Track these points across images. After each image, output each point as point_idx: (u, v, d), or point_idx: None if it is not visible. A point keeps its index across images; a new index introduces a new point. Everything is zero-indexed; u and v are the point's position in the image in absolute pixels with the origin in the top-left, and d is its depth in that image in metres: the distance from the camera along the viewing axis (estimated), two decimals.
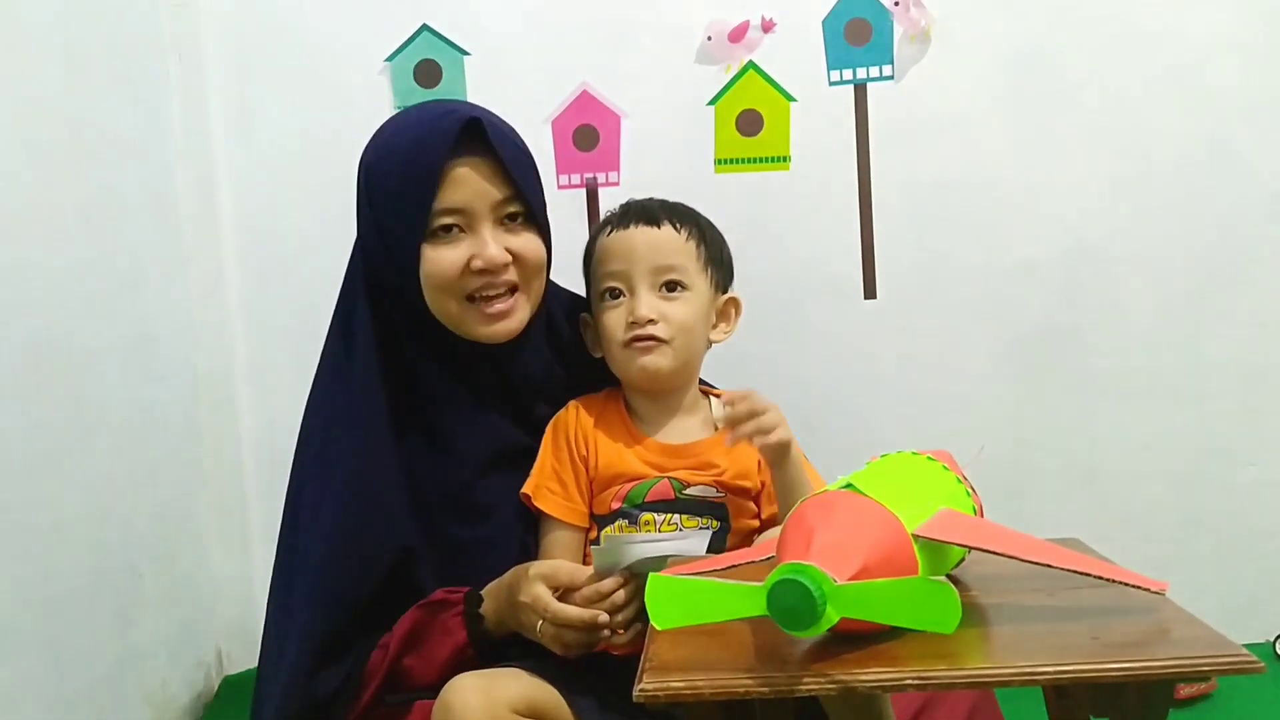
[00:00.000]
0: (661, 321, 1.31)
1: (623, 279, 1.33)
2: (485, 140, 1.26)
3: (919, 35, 2.05)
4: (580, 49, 2.09)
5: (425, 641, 1.22)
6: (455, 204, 1.26)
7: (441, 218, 1.26)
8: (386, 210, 1.28)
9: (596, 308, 1.37)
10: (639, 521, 1.29)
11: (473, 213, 1.27)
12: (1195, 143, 2.05)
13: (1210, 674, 0.80)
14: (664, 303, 1.32)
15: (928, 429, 1.35)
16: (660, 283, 1.33)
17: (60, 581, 1.60)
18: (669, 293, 1.33)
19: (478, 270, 1.27)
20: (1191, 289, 2.07)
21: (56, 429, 1.61)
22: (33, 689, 1.52)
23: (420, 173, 1.25)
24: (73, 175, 1.71)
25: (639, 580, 1.14)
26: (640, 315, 1.30)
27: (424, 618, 1.23)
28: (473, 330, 1.29)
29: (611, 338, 1.33)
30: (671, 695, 0.80)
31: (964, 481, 1.02)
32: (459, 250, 1.27)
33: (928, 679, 0.79)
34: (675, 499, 1.30)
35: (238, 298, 2.16)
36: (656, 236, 1.34)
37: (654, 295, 1.32)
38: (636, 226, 1.34)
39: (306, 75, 2.13)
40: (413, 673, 1.23)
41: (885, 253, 2.09)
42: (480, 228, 1.27)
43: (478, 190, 1.26)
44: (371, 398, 1.29)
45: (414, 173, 1.25)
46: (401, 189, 1.26)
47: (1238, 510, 2.08)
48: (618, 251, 1.34)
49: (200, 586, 2.06)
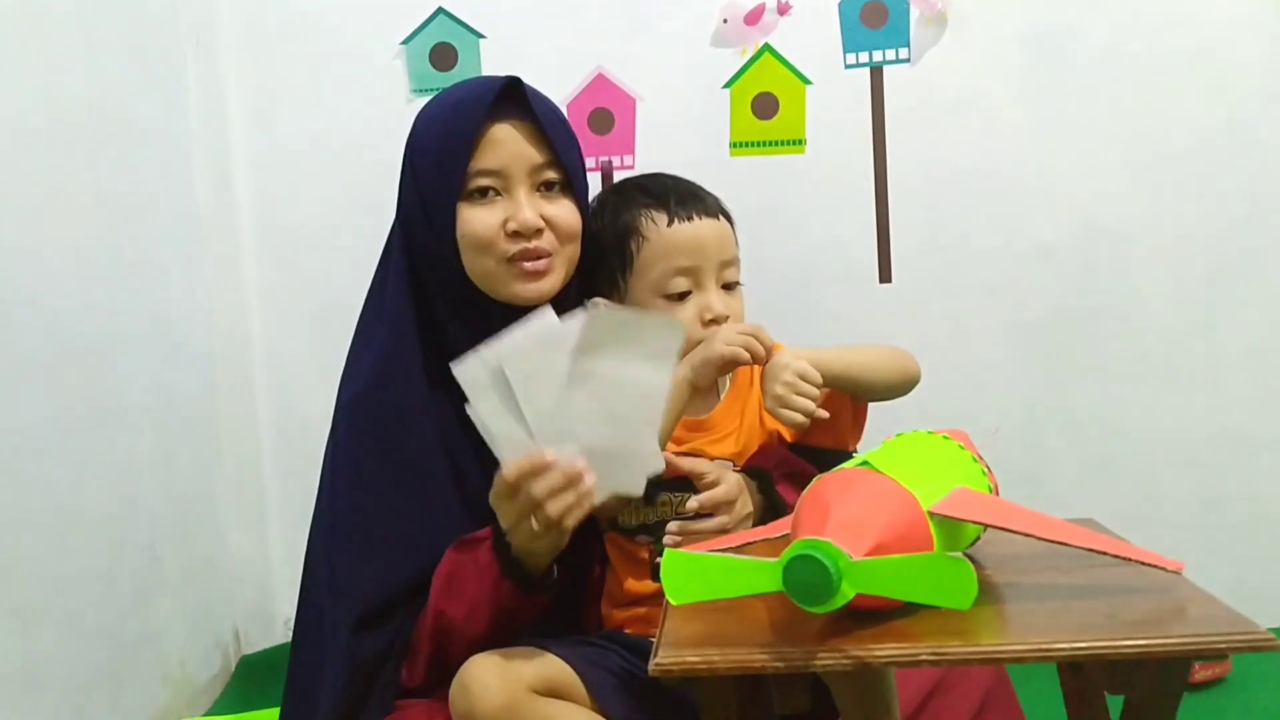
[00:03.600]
0: (731, 318, 1.30)
1: (693, 275, 1.29)
2: (525, 104, 1.27)
3: (935, 18, 2.04)
4: (595, 32, 2.09)
5: (462, 583, 1.19)
6: (492, 165, 1.26)
7: (478, 179, 1.26)
8: (426, 172, 1.28)
9: (654, 302, 1.31)
10: (656, 502, 1.29)
11: (509, 175, 1.26)
12: (1213, 126, 2.04)
13: (1227, 651, 0.80)
14: (730, 298, 1.31)
15: (942, 413, 1.34)
16: (723, 278, 1.31)
17: (80, 561, 1.61)
18: (728, 290, 1.31)
19: (512, 233, 1.26)
20: (1208, 273, 2.06)
21: (76, 413, 1.62)
22: (52, 667, 1.54)
23: (458, 133, 1.25)
24: (91, 161, 1.72)
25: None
26: (720, 313, 1.28)
27: (458, 558, 1.21)
28: (508, 289, 1.28)
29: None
30: (686, 670, 0.80)
31: (980, 461, 1.02)
32: (495, 212, 1.26)
33: (943, 655, 0.79)
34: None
35: (255, 282, 2.17)
36: (721, 230, 1.31)
37: (719, 291, 1.30)
38: (701, 219, 1.30)
39: (322, 60, 2.14)
40: (457, 624, 1.20)
41: (900, 236, 2.09)
42: (516, 191, 1.27)
43: (515, 153, 1.26)
44: (406, 360, 1.28)
45: (452, 133, 1.26)
46: (441, 150, 1.27)
47: (1254, 495, 2.07)
48: (688, 246, 1.29)
49: (218, 568, 2.08)
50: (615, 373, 1.07)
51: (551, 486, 1.08)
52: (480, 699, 1.08)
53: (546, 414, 1.08)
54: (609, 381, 1.07)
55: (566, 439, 1.08)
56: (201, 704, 1.95)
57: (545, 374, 1.07)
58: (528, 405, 1.07)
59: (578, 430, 1.08)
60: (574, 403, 1.07)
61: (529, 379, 1.07)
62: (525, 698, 1.10)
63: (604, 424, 1.08)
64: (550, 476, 1.08)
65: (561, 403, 1.07)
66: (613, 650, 1.22)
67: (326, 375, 1.37)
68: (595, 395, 1.07)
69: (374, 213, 1.41)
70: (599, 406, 1.08)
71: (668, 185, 1.34)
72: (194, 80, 2.09)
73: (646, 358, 1.07)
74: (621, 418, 1.08)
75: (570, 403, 1.07)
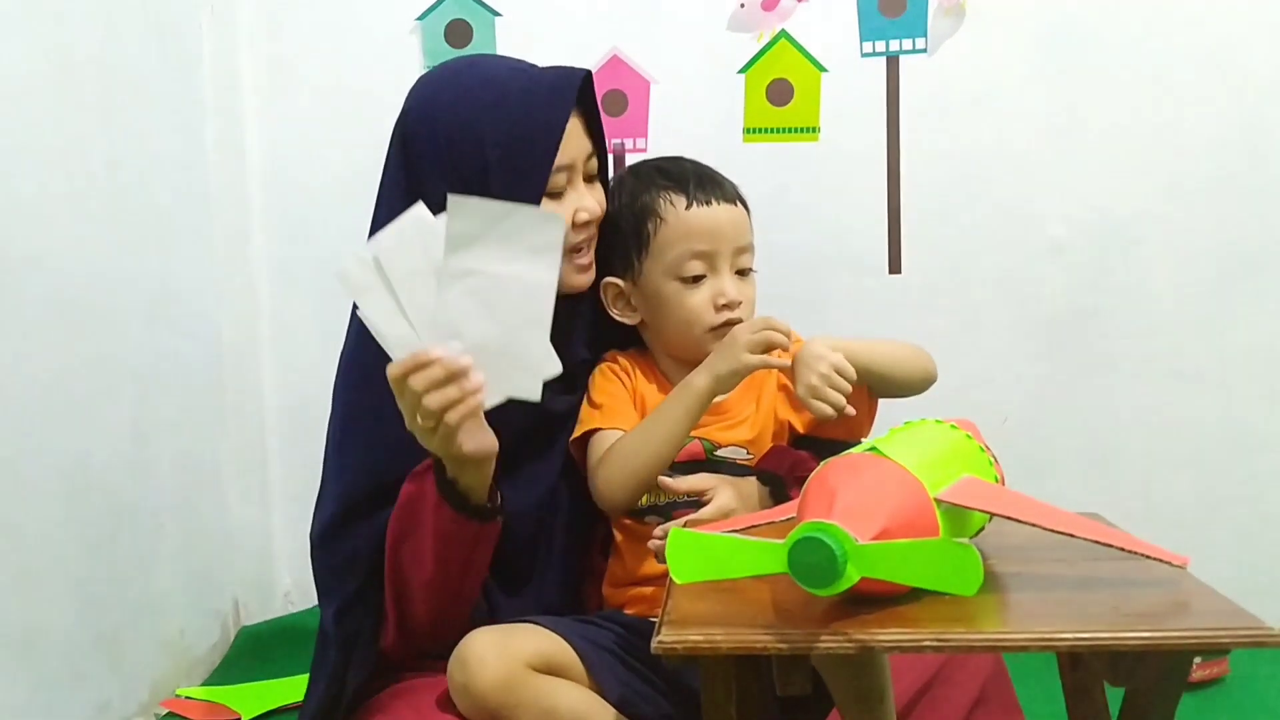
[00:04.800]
0: (744, 304, 1.30)
1: (708, 260, 1.29)
2: (586, 96, 1.26)
3: (953, 9, 2.03)
4: (611, 13, 2.08)
5: (410, 515, 1.18)
6: (564, 160, 1.24)
7: (556, 175, 1.24)
8: (495, 164, 1.22)
9: (667, 285, 1.30)
10: None
11: (574, 168, 1.26)
12: (1228, 125, 2.03)
13: (1231, 646, 0.80)
14: (743, 284, 1.31)
15: (949, 404, 1.34)
16: (738, 264, 1.31)
17: (82, 528, 1.62)
18: (742, 276, 1.31)
19: (582, 223, 1.27)
20: (1218, 273, 2.05)
21: (81, 379, 1.63)
22: (52, 633, 1.54)
23: (543, 131, 1.22)
24: (102, 126, 1.72)
25: None
26: (733, 298, 1.28)
27: (408, 489, 1.19)
28: (566, 281, 1.25)
29: (697, 320, 1.28)
30: (689, 649, 0.80)
31: (987, 451, 1.02)
32: (566, 205, 1.26)
33: (946, 641, 0.79)
34: (706, 460, 1.29)
35: (263, 251, 2.17)
36: (737, 216, 1.31)
37: (734, 277, 1.30)
38: (719, 204, 1.30)
39: (337, 32, 2.13)
40: (406, 561, 1.19)
41: (911, 228, 2.08)
42: (577, 181, 1.27)
43: (579, 145, 1.26)
44: None
45: (535, 132, 1.22)
46: (521, 146, 1.22)
47: (1258, 496, 2.07)
48: (704, 231, 1.29)
49: (219, 538, 2.08)
50: (494, 269, 1.04)
51: (431, 379, 1.05)
52: (478, 674, 1.08)
53: (429, 311, 1.06)
54: (488, 278, 1.05)
55: (452, 337, 1.06)
56: (200, 673, 1.95)
57: (424, 270, 1.05)
58: (410, 303, 1.06)
59: (462, 328, 1.06)
60: (456, 300, 1.05)
61: (408, 276, 1.05)
62: (523, 674, 1.10)
63: (488, 321, 1.06)
64: (430, 370, 1.05)
65: (443, 300, 1.05)
66: (612, 630, 1.22)
67: (332, 347, 1.36)
68: (476, 292, 1.05)
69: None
70: (481, 304, 1.05)
71: (687, 169, 1.34)
72: (208, 50, 2.08)
73: (526, 253, 1.04)
74: (506, 315, 1.06)
75: (452, 300, 1.05)
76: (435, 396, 1.06)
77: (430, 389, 1.06)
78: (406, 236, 1.05)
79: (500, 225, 1.04)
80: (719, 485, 1.24)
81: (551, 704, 1.10)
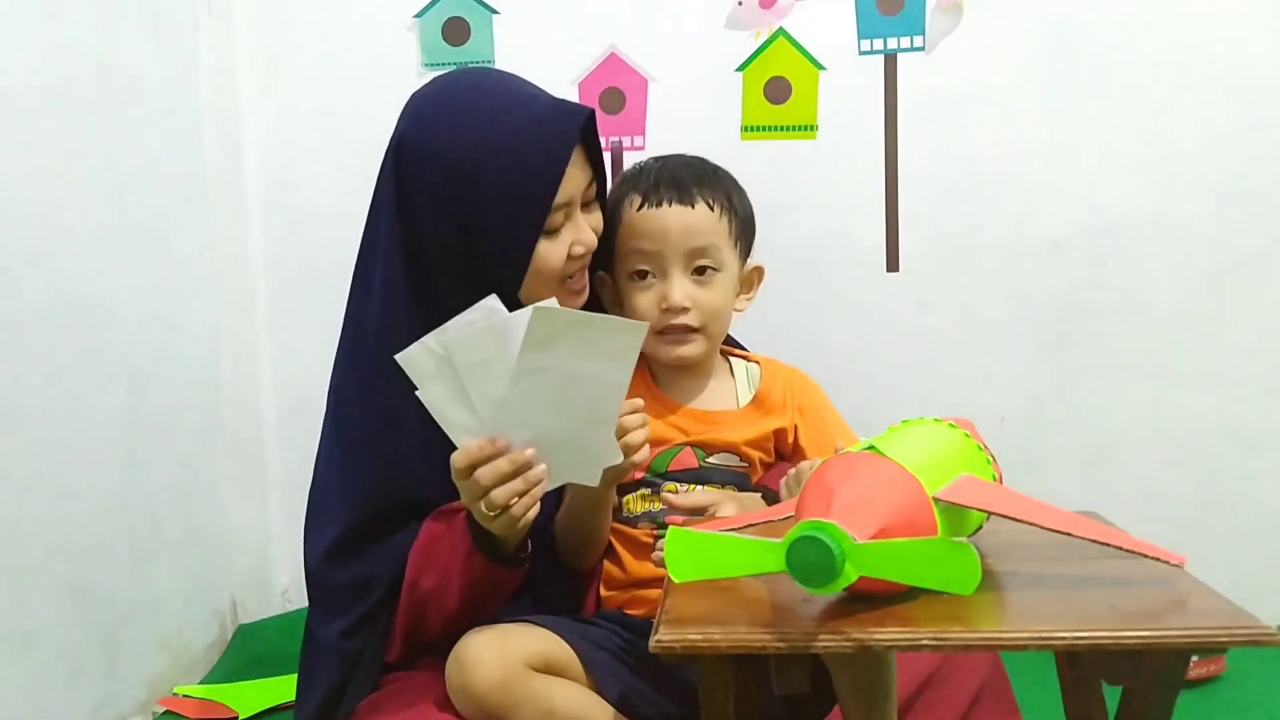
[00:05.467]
0: (694, 309, 1.28)
1: (654, 260, 1.29)
2: (588, 127, 1.26)
3: (951, 7, 2.03)
4: (609, 11, 2.08)
5: (437, 554, 1.20)
6: (562, 200, 1.24)
7: (554, 213, 1.24)
8: (494, 203, 1.22)
9: (624, 283, 1.33)
10: (662, 490, 1.28)
11: (572, 203, 1.26)
12: (1224, 123, 2.02)
13: (1228, 645, 0.80)
14: (696, 288, 1.29)
15: (947, 402, 1.34)
16: (693, 266, 1.29)
17: (79, 526, 1.61)
18: (700, 276, 1.29)
19: (578, 255, 1.27)
20: (1215, 270, 2.05)
21: (79, 375, 1.62)
22: (49, 631, 1.54)
23: (540, 175, 1.21)
24: (99, 124, 1.72)
25: None
26: (675, 303, 1.27)
27: (435, 529, 1.21)
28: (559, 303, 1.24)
29: (645, 321, 1.26)
30: (688, 648, 0.80)
31: (984, 449, 1.02)
32: (563, 240, 1.26)
33: (944, 640, 0.79)
34: (699, 468, 1.29)
35: (260, 249, 2.16)
36: (690, 218, 1.28)
37: (686, 279, 1.28)
38: (670, 205, 1.29)
39: (334, 30, 2.12)
40: (431, 597, 1.20)
41: (909, 225, 2.09)
42: (575, 214, 1.27)
43: (578, 180, 1.26)
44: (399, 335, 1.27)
45: (532, 175, 1.21)
46: (518, 191, 1.21)
47: (1254, 494, 2.07)
48: (649, 231, 1.29)
49: (217, 536, 2.08)
50: (568, 369, 1.06)
51: (499, 473, 1.08)
52: (476, 674, 1.08)
53: (495, 402, 1.08)
54: (562, 376, 1.06)
55: (516, 427, 1.08)
56: (197, 672, 1.95)
57: (493, 363, 1.07)
58: (476, 393, 1.08)
59: (531, 420, 1.08)
60: (524, 393, 1.07)
61: (477, 367, 1.07)
62: (521, 674, 1.10)
63: (556, 414, 1.08)
64: (497, 464, 1.08)
65: (512, 392, 1.07)
66: (611, 629, 1.22)
67: (330, 346, 1.36)
68: (546, 387, 1.07)
69: None
70: (550, 397, 1.07)
71: (661, 169, 1.34)
72: (205, 47, 2.08)
73: (603, 357, 1.06)
74: (575, 412, 1.08)
75: (520, 393, 1.07)
76: (501, 491, 1.09)
77: (497, 483, 1.08)
78: (478, 328, 1.07)
79: (581, 330, 1.06)
80: (723, 501, 1.24)
81: (550, 704, 1.10)
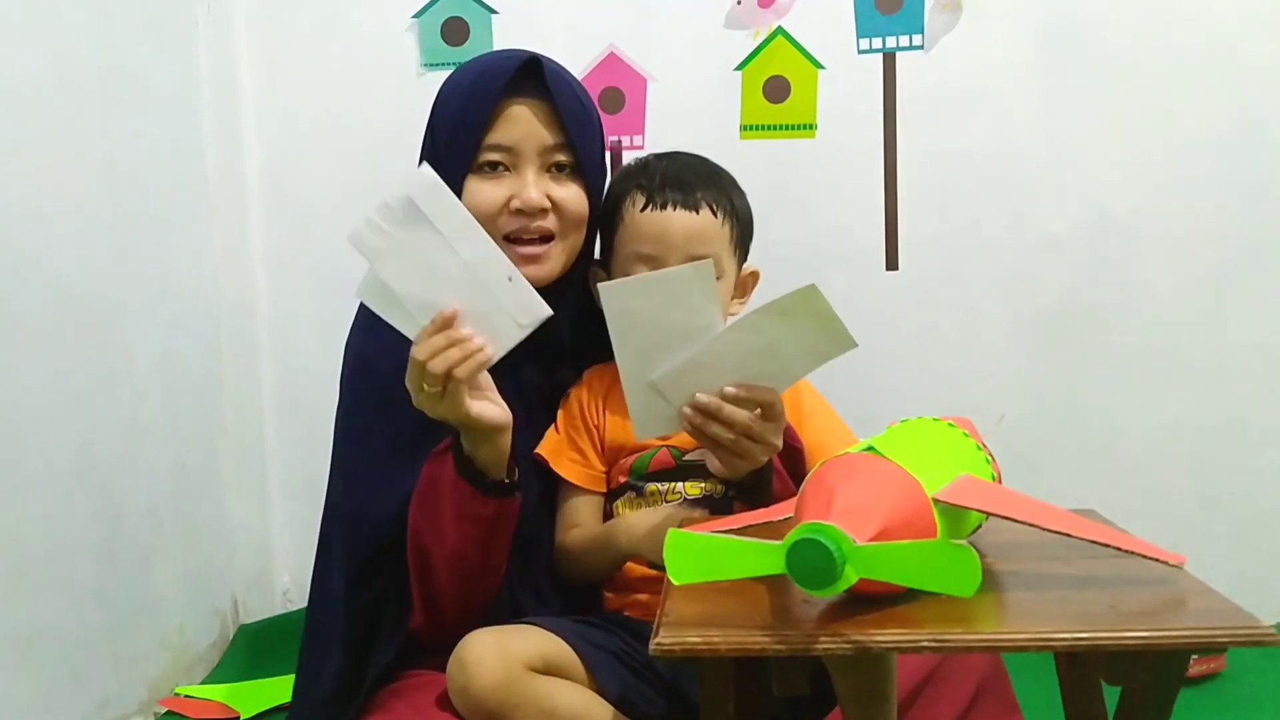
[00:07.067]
0: None
1: (655, 264, 1.27)
2: (544, 84, 1.28)
3: (950, 5, 2.03)
4: (608, 10, 2.08)
5: (431, 497, 1.20)
6: (504, 141, 1.27)
7: (489, 153, 1.27)
8: (443, 141, 1.30)
9: (620, 277, 1.30)
10: (645, 493, 1.30)
11: (519, 153, 1.28)
12: (1225, 120, 2.03)
13: (1228, 645, 0.80)
14: None
15: (946, 401, 1.34)
16: None
17: (81, 525, 1.62)
18: None
19: (515, 211, 1.27)
20: (1216, 268, 2.06)
21: (80, 377, 1.63)
22: (51, 630, 1.54)
23: (476, 105, 1.27)
24: (100, 126, 1.72)
25: None
26: None
27: (427, 470, 1.20)
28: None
29: None
30: (688, 650, 0.80)
31: (984, 449, 1.02)
32: (501, 188, 1.28)
33: (944, 641, 0.79)
34: (676, 466, 1.30)
35: (261, 249, 2.17)
36: (693, 223, 1.28)
37: None
38: (674, 210, 1.28)
39: (334, 29, 2.13)
40: (430, 542, 1.19)
41: (908, 224, 2.09)
42: (525, 169, 1.28)
43: (528, 131, 1.28)
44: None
45: (470, 105, 1.28)
46: (457, 120, 1.28)
47: (1255, 492, 2.07)
48: (651, 234, 1.28)
49: (218, 535, 2.08)
50: (663, 327, 1.11)
51: (432, 347, 1.10)
52: (477, 675, 1.08)
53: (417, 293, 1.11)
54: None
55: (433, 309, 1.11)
56: (199, 671, 1.96)
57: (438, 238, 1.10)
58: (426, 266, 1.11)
59: (439, 299, 1.11)
60: (429, 278, 1.11)
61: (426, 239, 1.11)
62: (522, 675, 1.10)
63: (460, 290, 1.11)
64: (432, 341, 1.10)
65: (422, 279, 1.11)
66: (612, 631, 1.22)
67: (331, 345, 1.37)
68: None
69: (381, 184, 1.40)
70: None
71: (666, 169, 1.33)
72: (205, 47, 2.08)
73: (692, 308, 1.10)
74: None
75: (426, 278, 1.11)
76: (438, 361, 1.10)
77: (431, 355, 1.10)
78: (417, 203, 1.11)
79: (652, 291, 1.11)
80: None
81: (551, 705, 1.10)
